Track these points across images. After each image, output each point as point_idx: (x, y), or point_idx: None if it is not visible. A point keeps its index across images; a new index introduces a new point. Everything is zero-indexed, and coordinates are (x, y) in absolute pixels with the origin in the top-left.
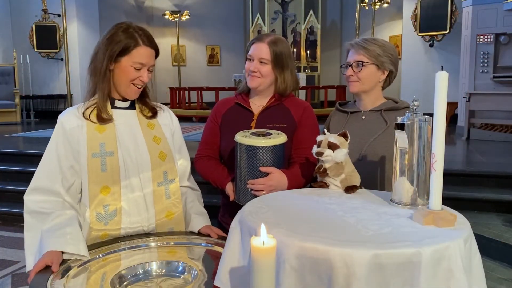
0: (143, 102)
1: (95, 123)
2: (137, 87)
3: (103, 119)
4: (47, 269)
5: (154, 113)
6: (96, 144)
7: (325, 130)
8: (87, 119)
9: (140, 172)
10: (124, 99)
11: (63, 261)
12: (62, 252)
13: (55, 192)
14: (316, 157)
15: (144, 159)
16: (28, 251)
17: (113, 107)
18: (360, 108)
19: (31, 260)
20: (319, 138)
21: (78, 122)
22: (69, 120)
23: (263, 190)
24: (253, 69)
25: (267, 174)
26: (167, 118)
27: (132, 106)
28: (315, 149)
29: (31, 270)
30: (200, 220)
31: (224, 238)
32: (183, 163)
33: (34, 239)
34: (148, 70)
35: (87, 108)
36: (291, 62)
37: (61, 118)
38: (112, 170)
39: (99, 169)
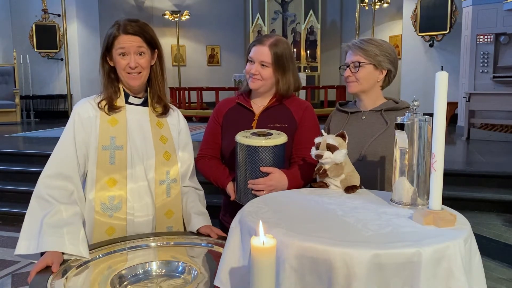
0: (157, 99)
1: (108, 114)
2: (132, 75)
3: (113, 108)
4: (47, 269)
5: (165, 111)
6: (107, 137)
7: (323, 131)
8: (101, 109)
9: (145, 168)
10: (137, 96)
11: (63, 261)
12: (63, 253)
13: (70, 177)
14: (316, 159)
15: (149, 156)
16: (23, 235)
17: (127, 102)
18: (360, 108)
19: (22, 245)
20: (317, 140)
21: (93, 113)
22: (85, 110)
23: (263, 190)
24: (254, 72)
25: (267, 174)
26: (175, 118)
27: (145, 103)
28: (313, 151)
29: (32, 270)
30: (200, 220)
31: (224, 238)
32: (187, 162)
33: (31, 225)
34: (139, 55)
35: (102, 100)
36: (293, 63)
37: (77, 108)
38: (120, 163)
39: (107, 161)
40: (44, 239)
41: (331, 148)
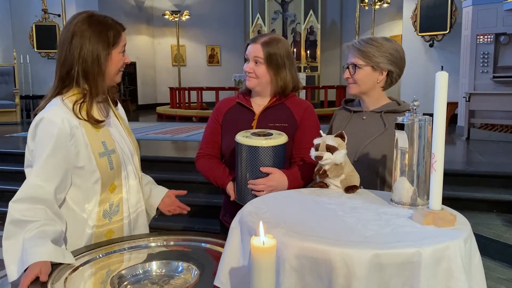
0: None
1: (86, 120)
2: (121, 71)
3: (98, 121)
4: (37, 280)
5: (116, 102)
6: (99, 143)
7: (322, 132)
8: (79, 118)
9: (132, 163)
10: None
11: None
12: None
13: (43, 200)
14: (316, 160)
15: (130, 150)
16: (9, 260)
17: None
18: (363, 108)
19: (13, 270)
20: (316, 141)
21: (74, 122)
22: (66, 121)
23: (263, 191)
24: (249, 69)
25: (267, 174)
26: (120, 107)
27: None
28: (313, 152)
29: (21, 285)
30: (159, 190)
31: (224, 238)
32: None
33: (16, 248)
34: None
35: (73, 106)
36: (289, 61)
37: (53, 119)
38: (117, 167)
39: (108, 168)
40: (29, 251)
41: (331, 149)
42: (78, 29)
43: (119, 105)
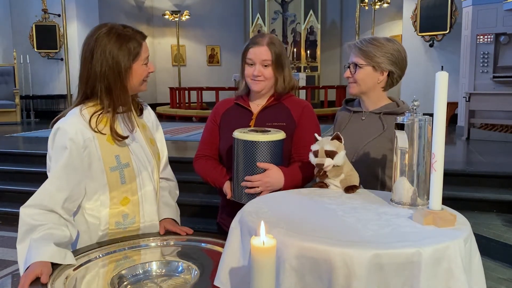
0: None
1: (104, 134)
2: (146, 80)
3: (122, 136)
4: (37, 281)
5: (141, 110)
6: (112, 157)
7: (316, 135)
8: (96, 131)
9: (151, 177)
10: None
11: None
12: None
13: (54, 208)
14: (317, 168)
15: (151, 163)
16: (20, 262)
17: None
18: (362, 108)
19: (21, 271)
20: (314, 147)
21: (88, 135)
22: (80, 133)
23: (259, 187)
24: (257, 73)
25: (264, 171)
26: (147, 113)
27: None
28: (313, 159)
29: (21, 284)
30: (166, 211)
31: (224, 238)
32: (163, 154)
33: (25, 249)
34: None
35: (91, 118)
36: (287, 59)
37: (68, 130)
38: (131, 180)
39: (118, 182)
40: (33, 251)
41: (330, 154)
42: (98, 44)
43: (146, 112)
